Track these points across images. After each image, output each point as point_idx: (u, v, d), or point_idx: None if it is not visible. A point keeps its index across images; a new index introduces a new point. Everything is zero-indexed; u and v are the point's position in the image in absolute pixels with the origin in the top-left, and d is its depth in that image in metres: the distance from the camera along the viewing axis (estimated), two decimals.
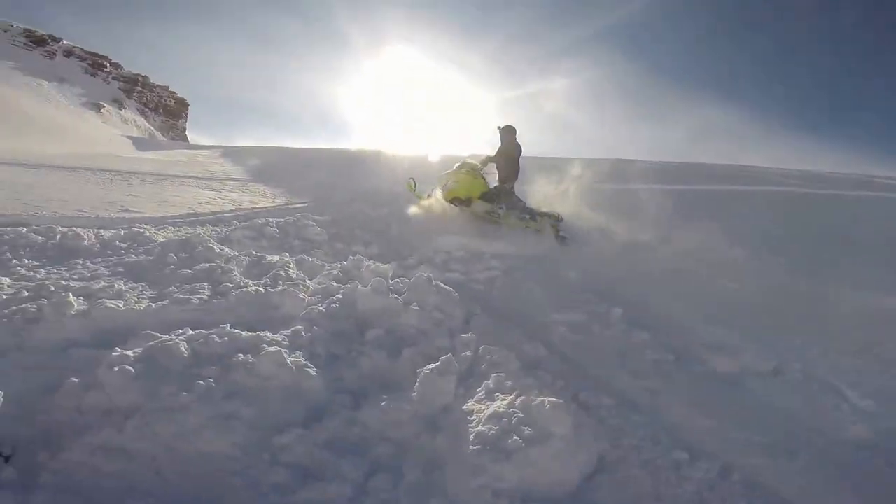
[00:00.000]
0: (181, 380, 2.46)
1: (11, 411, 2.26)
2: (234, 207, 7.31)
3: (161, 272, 3.86)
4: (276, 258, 4.54)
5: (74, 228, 4.46)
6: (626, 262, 5.54)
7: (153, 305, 3.22)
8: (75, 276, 3.64)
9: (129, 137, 28.96)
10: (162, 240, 4.68)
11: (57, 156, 12.59)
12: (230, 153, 17.28)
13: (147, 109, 52.24)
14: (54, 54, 48.64)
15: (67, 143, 16.21)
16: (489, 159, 6.46)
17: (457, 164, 6.70)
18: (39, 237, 4.21)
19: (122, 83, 52.08)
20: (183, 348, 2.64)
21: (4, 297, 3.11)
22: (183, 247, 4.38)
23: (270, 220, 6.24)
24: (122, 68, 55.57)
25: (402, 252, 5.52)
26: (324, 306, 3.43)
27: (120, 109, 46.30)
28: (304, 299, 3.60)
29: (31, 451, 2.17)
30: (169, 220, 5.82)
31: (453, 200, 6.44)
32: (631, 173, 10.96)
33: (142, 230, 4.85)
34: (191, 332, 2.85)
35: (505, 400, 2.47)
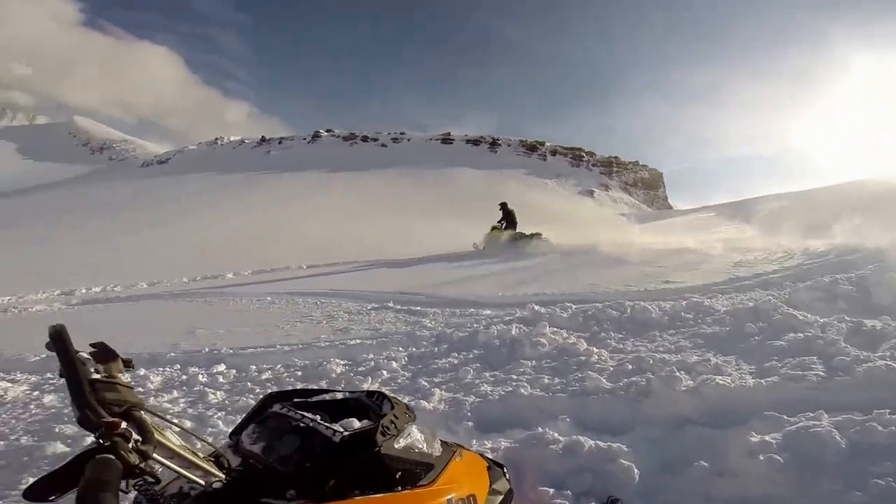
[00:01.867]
0: (843, 475, 2.29)
1: (640, 486, 2.52)
2: (778, 267, 6.94)
3: (746, 343, 3.94)
4: (876, 323, 3.95)
5: (640, 302, 5.35)
6: None
7: (762, 382, 3.21)
8: (661, 349, 4.23)
9: (623, 215, 34.84)
10: (724, 308, 4.88)
11: (571, 237, 16.51)
12: (727, 210, 17.39)
13: (628, 186, 62.36)
14: (545, 156, 66.72)
15: (578, 228, 21.34)
16: (500, 221, 15.36)
17: (490, 227, 15.28)
18: (614, 311, 5.27)
19: (600, 168, 65.07)
20: (837, 437, 2.46)
21: (612, 369, 3.88)
22: (755, 315, 4.36)
23: (837, 276, 5.50)
24: (595, 155, 69.10)
25: None
26: None
27: (607, 191, 57.36)
28: None
29: None
30: (714, 288, 6.15)
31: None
32: None
33: (699, 300, 5.27)
34: (826, 416, 2.69)
35: None
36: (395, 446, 1.36)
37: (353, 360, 4.93)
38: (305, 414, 1.36)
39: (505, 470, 1.99)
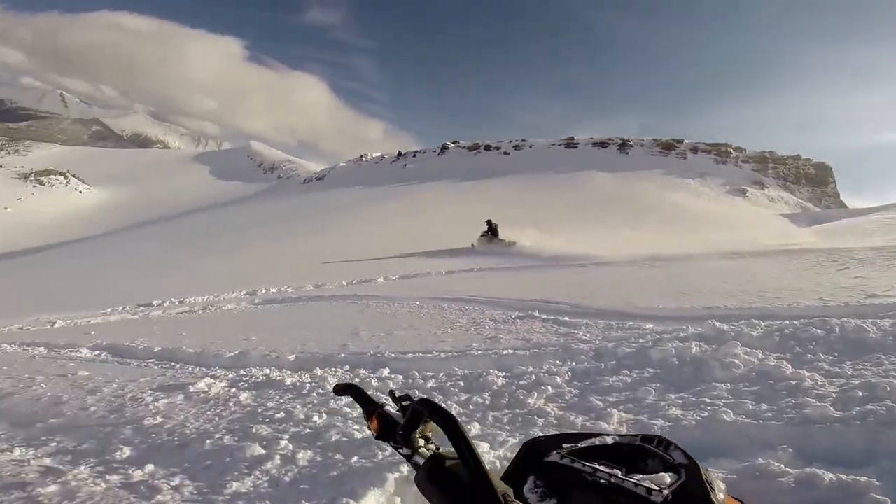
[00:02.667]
0: None
1: None
2: None
3: None
4: None
5: (849, 319, 4.39)
6: None
7: None
8: (894, 374, 3.37)
9: (784, 215, 30.61)
10: None
11: (724, 241, 14.76)
12: None
13: (788, 183, 54.19)
14: (684, 154, 60.70)
15: (730, 230, 19.06)
16: (485, 232, 20.78)
17: (479, 235, 20.82)
18: (818, 330, 4.36)
19: (752, 164, 57.36)
20: None
21: (834, 395, 3.16)
22: None
23: None
24: (744, 150, 61.27)
25: None
26: None
27: (762, 189, 50.57)
28: None
29: None
30: None
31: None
32: None
33: None
34: None
35: None
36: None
37: (511, 371, 4.65)
38: (598, 466, 1.06)
39: None
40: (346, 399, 4.11)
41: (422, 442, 1.04)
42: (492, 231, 20.58)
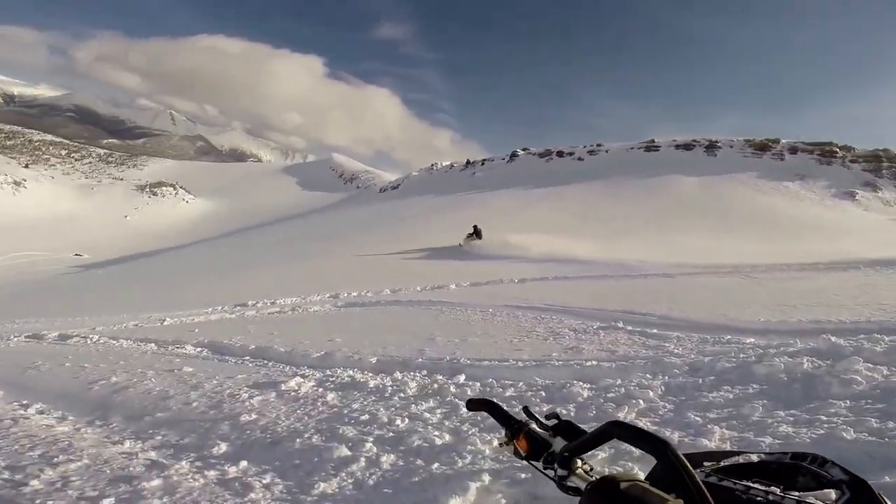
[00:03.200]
0: None
1: None
2: None
3: None
4: None
5: None
6: None
7: None
8: None
9: None
10: None
11: (831, 250, 13.27)
12: None
13: None
14: (781, 155, 55.25)
15: (837, 237, 17.11)
16: (470, 234, 23.65)
17: (465, 235, 23.70)
18: None
19: (862, 164, 51.15)
20: None
21: None
22: None
23: None
24: (853, 149, 54.87)
25: None
26: None
27: (875, 192, 45.03)
28: None
29: None
30: None
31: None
32: None
33: None
34: None
35: None
36: None
37: (596, 384, 4.41)
38: (750, 484, 0.95)
39: None
40: (427, 404, 4.09)
41: (578, 462, 0.98)
42: (476, 234, 24.08)
